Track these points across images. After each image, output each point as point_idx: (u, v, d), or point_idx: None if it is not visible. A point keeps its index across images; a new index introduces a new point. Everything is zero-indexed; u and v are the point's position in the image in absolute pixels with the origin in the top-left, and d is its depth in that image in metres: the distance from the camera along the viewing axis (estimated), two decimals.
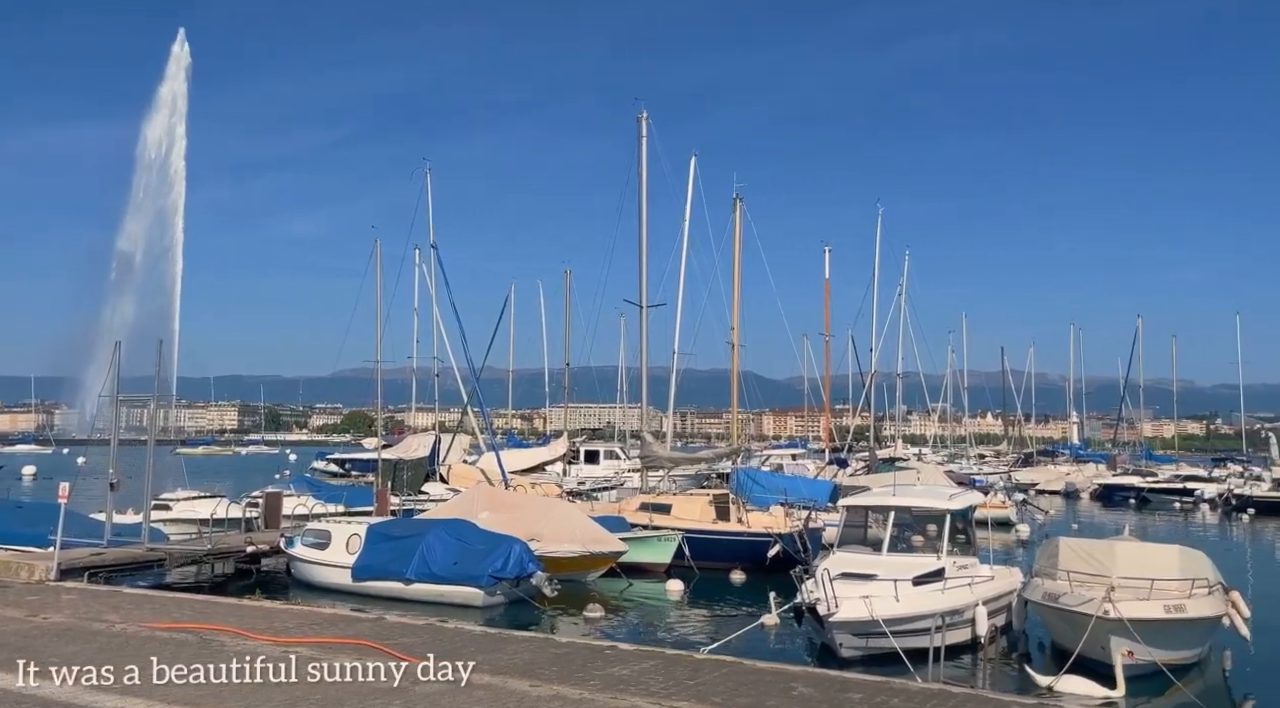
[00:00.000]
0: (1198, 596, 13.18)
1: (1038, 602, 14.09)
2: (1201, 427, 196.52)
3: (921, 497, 17.60)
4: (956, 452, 74.52)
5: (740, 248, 33.93)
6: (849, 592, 13.34)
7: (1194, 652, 13.47)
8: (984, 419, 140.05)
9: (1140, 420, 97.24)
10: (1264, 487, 50.26)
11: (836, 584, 13.32)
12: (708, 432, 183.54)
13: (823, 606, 13.15)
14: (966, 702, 9.67)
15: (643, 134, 29.26)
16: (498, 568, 17.37)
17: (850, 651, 13.36)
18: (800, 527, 22.22)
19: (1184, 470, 59.84)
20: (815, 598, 13.42)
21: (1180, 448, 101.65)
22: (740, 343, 33.75)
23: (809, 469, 41.51)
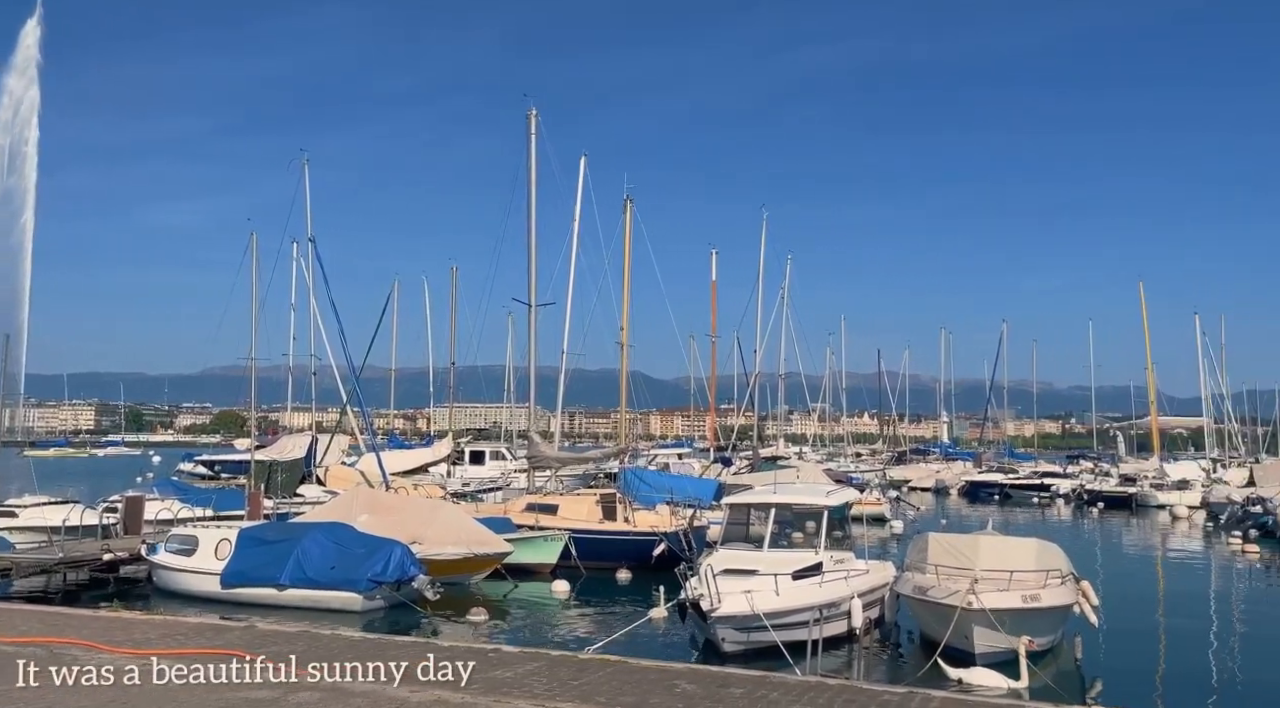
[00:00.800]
0: (1052, 586, 14.03)
1: (908, 594, 14.70)
2: (1059, 426, 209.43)
3: (801, 494, 18.12)
4: (835, 450, 77.09)
5: (630, 249, 34.15)
6: (731, 588, 13.59)
7: (1049, 638, 14.32)
8: (861, 419, 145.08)
9: (1004, 420, 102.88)
10: (1112, 482, 54.01)
11: (719, 580, 13.55)
12: (596, 431, 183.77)
13: (706, 602, 13.36)
14: (841, 693, 10.00)
15: (532, 132, 29.07)
16: (377, 572, 16.93)
17: (732, 645, 13.62)
18: (685, 525, 22.51)
19: (1042, 468, 63.66)
20: (699, 595, 13.61)
21: (1039, 446, 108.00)
22: (629, 343, 33.95)
23: (694, 468, 42.12)
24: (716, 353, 52.69)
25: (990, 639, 13.12)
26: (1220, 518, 39.63)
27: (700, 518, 23.73)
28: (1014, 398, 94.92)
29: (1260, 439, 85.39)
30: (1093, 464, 67.38)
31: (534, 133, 29.04)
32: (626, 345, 33.70)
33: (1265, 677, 14.42)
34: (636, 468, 32.40)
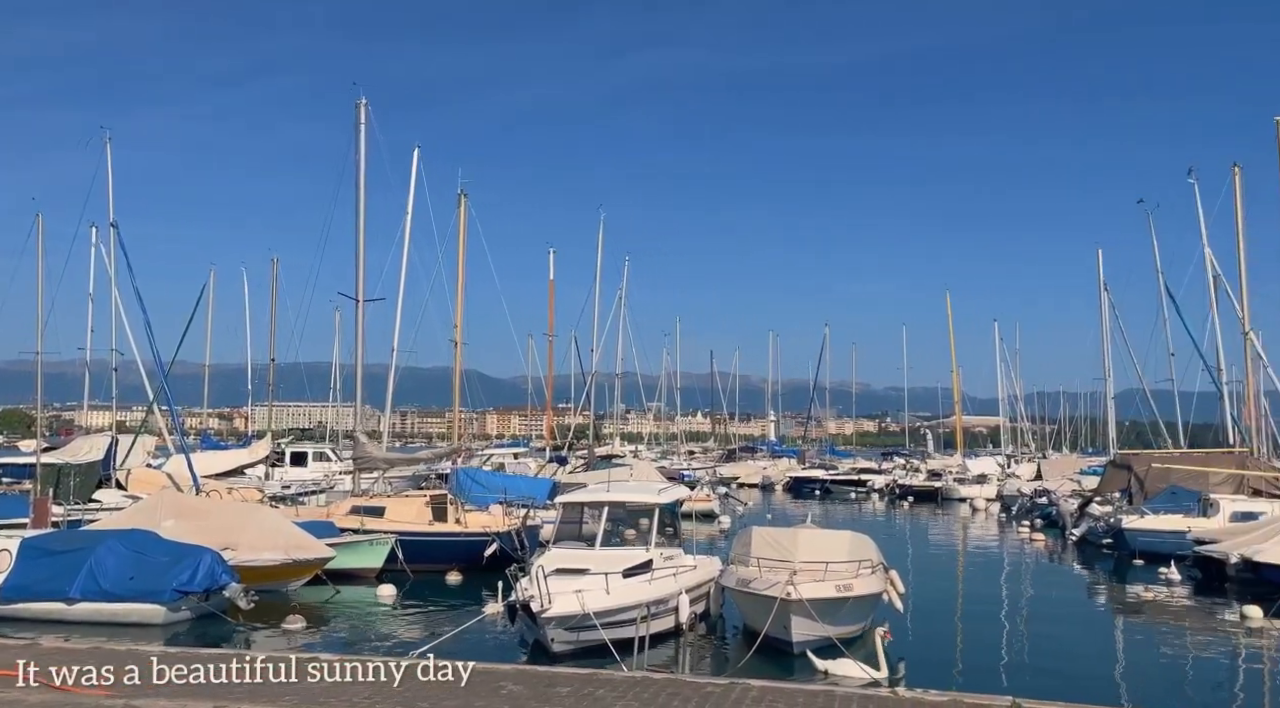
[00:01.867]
0: (863, 575, 14.87)
1: (732, 587, 15.18)
2: (876, 425, 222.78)
3: (633, 492, 18.34)
4: (669, 449, 78.72)
5: (465, 245, 33.51)
6: (562, 587, 13.57)
7: (860, 625, 15.15)
8: (695, 418, 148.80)
9: (826, 419, 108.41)
10: (920, 477, 57.94)
11: (550, 580, 13.50)
12: (429, 431, 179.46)
13: (536, 602, 13.28)
14: (666, 687, 10.20)
15: (362, 121, 27.99)
16: (184, 581, 15.78)
17: (562, 645, 13.60)
18: (518, 525, 22.31)
19: (860, 464, 67.47)
20: (529, 595, 13.52)
21: (858, 444, 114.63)
22: (464, 341, 33.34)
23: (530, 468, 41.83)
24: (554, 352, 52.64)
25: (807, 628, 13.74)
26: (1012, 509, 43.30)
27: (534, 518, 23.57)
28: (835, 398, 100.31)
29: (1048, 437, 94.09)
30: (904, 461, 71.90)
31: (364, 122, 27.98)
32: (461, 343, 33.10)
33: (1048, 648, 15.87)
34: (469, 468, 31.84)
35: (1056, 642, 16.80)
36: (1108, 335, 50.17)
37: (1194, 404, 47.11)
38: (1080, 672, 14.23)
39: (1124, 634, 18.21)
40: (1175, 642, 16.92)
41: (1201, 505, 28.34)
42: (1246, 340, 35.87)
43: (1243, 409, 40.04)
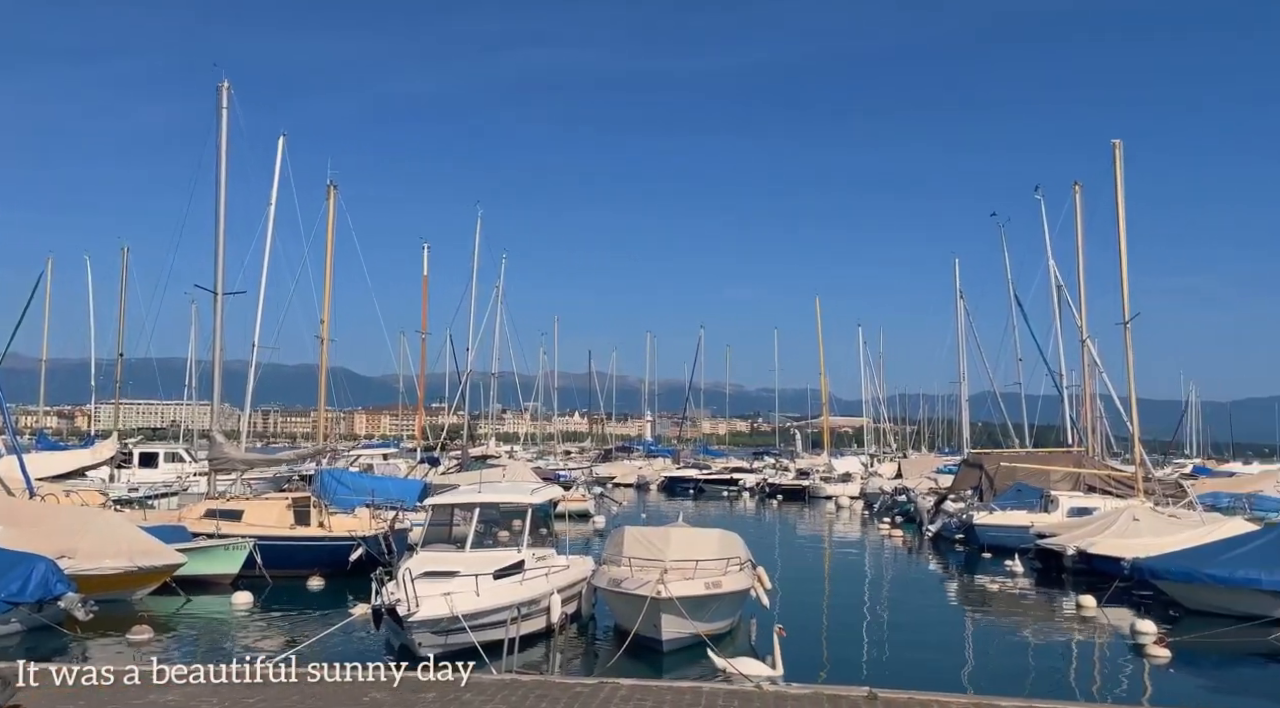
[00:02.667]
0: (732, 572, 15.17)
1: (604, 587, 15.20)
2: (748, 425, 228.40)
3: (506, 493, 18.13)
4: (545, 449, 78.28)
5: (334, 238, 32.31)
6: (430, 590, 13.27)
7: (728, 622, 15.46)
8: (572, 418, 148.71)
9: (701, 419, 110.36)
10: (789, 476, 59.70)
11: (418, 584, 13.17)
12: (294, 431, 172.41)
13: (403, 606, 12.92)
14: (535, 689, 10.09)
15: (223, 105, 26.57)
16: (13, 592, 14.55)
17: (430, 649, 13.26)
18: (386, 528, 21.69)
19: (732, 464, 68.95)
20: (395, 599, 13.14)
21: (731, 443, 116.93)
22: (331, 337, 32.14)
23: (400, 469, 40.76)
24: (427, 350, 51.42)
25: (677, 626, 13.89)
26: (874, 507, 45.15)
27: (403, 520, 22.98)
28: (710, 399, 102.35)
29: (908, 437, 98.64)
30: (774, 460, 73.97)
31: (225, 107, 26.57)
32: (327, 340, 31.89)
33: (904, 639, 16.57)
34: (335, 470, 30.73)
35: (912, 633, 17.58)
36: (963, 341, 53.07)
37: (1039, 406, 50.36)
38: (933, 661, 14.93)
39: (973, 624, 19.22)
40: (1018, 630, 17.99)
41: (1043, 502, 30.31)
42: (1084, 348, 38.57)
43: (1081, 411, 43.08)
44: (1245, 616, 16.60)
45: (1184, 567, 19.00)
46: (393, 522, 22.32)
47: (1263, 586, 17.28)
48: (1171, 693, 12.99)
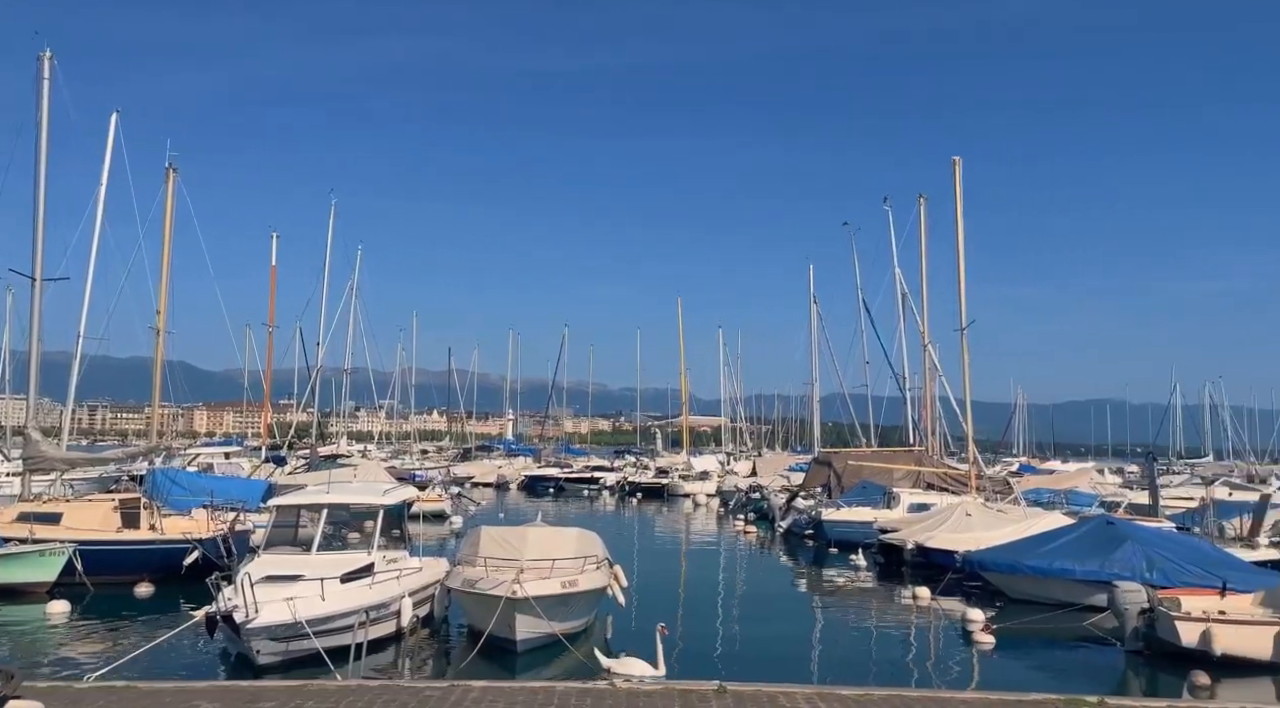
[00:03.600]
0: (589, 571, 15.18)
1: (458, 588, 14.90)
2: (610, 424, 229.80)
3: (356, 494, 17.51)
4: (401, 448, 76.19)
5: (172, 223, 30.31)
6: (271, 595, 12.64)
7: (584, 620, 15.46)
8: (431, 416, 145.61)
9: (563, 418, 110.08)
10: (649, 475, 60.47)
11: (259, 588, 12.52)
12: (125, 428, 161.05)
13: (240, 612, 12.24)
14: (382, 694, 9.76)
15: (45, 76, 24.45)
16: None
17: (269, 657, 12.64)
18: (225, 530, 20.56)
19: (594, 462, 69.27)
20: (232, 605, 12.44)
21: (593, 442, 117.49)
22: (168, 329, 30.13)
23: (244, 468, 38.72)
24: (274, 344, 49.02)
25: (531, 626, 13.77)
26: (730, 504, 46.30)
27: (244, 522, 21.84)
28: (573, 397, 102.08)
29: (764, 436, 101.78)
30: (635, 459, 74.78)
31: (47, 78, 24.47)
32: (164, 331, 29.89)
33: (755, 633, 17.03)
34: (170, 469, 28.86)
35: (762, 626, 18.11)
36: (816, 344, 55.28)
37: (884, 407, 53.06)
38: (781, 653, 15.42)
39: (820, 616, 19.97)
40: (861, 621, 18.81)
41: (886, 499, 31.90)
42: (926, 352, 40.87)
43: (922, 412, 45.60)
44: (1061, 603, 17.97)
45: (1007, 559, 20.39)
46: (233, 524, 21.19)
47: (1075, 575, 18.74)
48: (995, 677, 13.88)
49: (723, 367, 79.41)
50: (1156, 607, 14.92)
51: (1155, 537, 20.19)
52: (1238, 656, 13.96)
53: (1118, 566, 18.16)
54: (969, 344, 33.81)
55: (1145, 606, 15.06)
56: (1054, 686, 11.58)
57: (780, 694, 9.56)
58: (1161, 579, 17.28)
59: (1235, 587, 16.21)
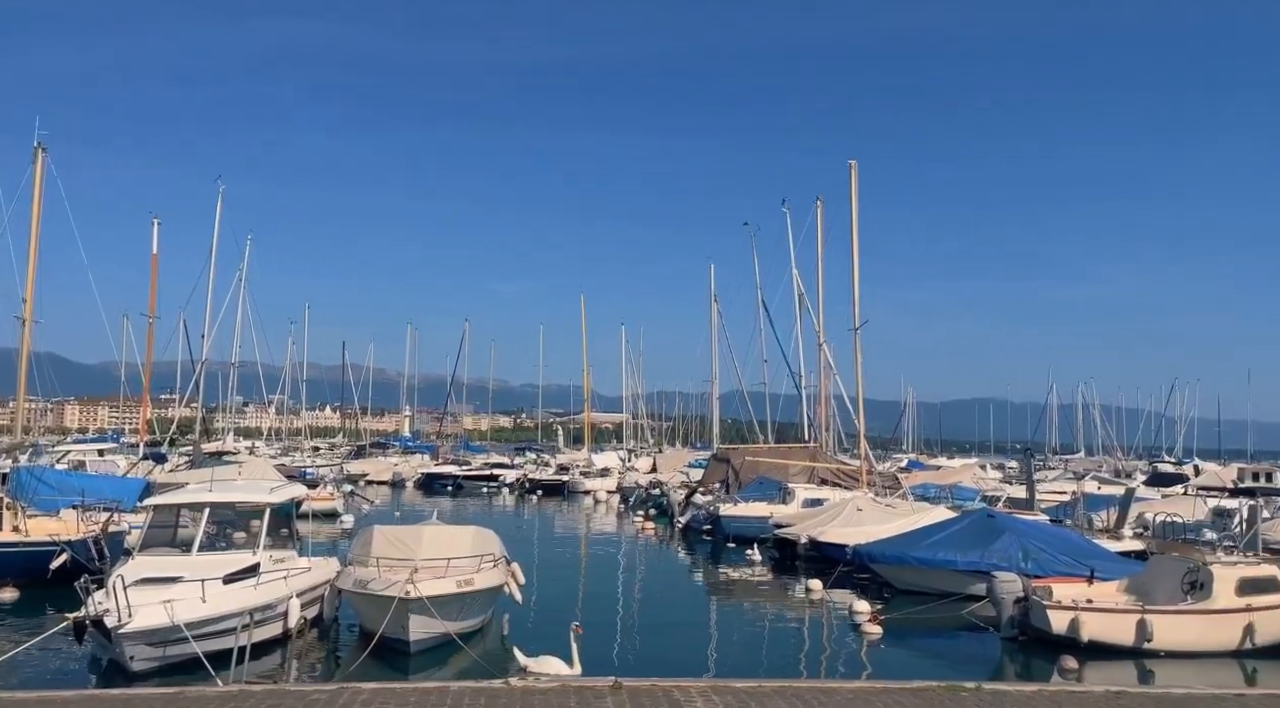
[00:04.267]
0: (485, 570, 14.99)
1: (349, 589, 14.50)
2: (511, 420, 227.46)
3: (241, 492, 16.88)
4: (292, 445, 73.68)
5: (40, 205, 28.45)
6: (147, 598, 12.03)
7: (480, 619, 15.26)
8: (323, 412, 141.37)
9: (463, 414, 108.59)
10: (550, 472, 60.16)
11: (132, 591, 11.88)
12: None
13: (111, 616, 11.60)
14: (266, 699, 9.41)
15: None
16: None
17: (144, 663, 12.03)
18: (97, 531, 19.45)
19: (493, 459, 68.45)
20: (104, 610, 11.78)
21: (493, 439, 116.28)
22: (35, 318, 28.29)
23: (119, 466, 36.72)
24: (155, 335, 46.63)
25: (426, 626, 13.52)
26: (630, 500, 46.50)
27: (118, 522, 20.73)
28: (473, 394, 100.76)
29: (664, 433, 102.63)
30: (536, 456, 74.29)
31: None
32: (30, 320, 28.06)
33: (652, 629, 17.16)
34: (37, 467, 27.14)
35: (660, 621, 18.25)
36: (716, 342, 56.10)
37: (781, 405, 54.21)
38: (678, 648, 15.58)
39: (716, 611, 20.27)
40: (756, 615, 19.18)
41: (782, 494, 32.60)
42: (821, 352, 41.92)
43: (817, 410, 46.82)
44: (944, 593, 18.72)
45: (894, 551, 21.13)
46: (105, 524, 20.06)
47: (957, 566, 19.56)
48: (881, 666, 14.35)
49: (625, 363, 79.79)
50: (1030, 596, 15.70)
51: (1030, 529, 21.27)
52: (1103, 641, 14.83)
53: (996, 556, 19.03)
54: (862, 344, 34.92)
55: (1020, 595, 15.84)
56: (936, 673, 12.04)
57: (675, 688, 9.64)
58: (1036, 569, 18.20)
59: (1102, 576, 17.22)
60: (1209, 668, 14.38)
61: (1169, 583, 15.97)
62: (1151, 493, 39.97)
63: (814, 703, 9.23)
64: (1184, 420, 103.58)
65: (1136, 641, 14.83)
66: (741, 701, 9.21)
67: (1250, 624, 15.07)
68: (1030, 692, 10.28)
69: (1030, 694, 10.08)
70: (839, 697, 9.56)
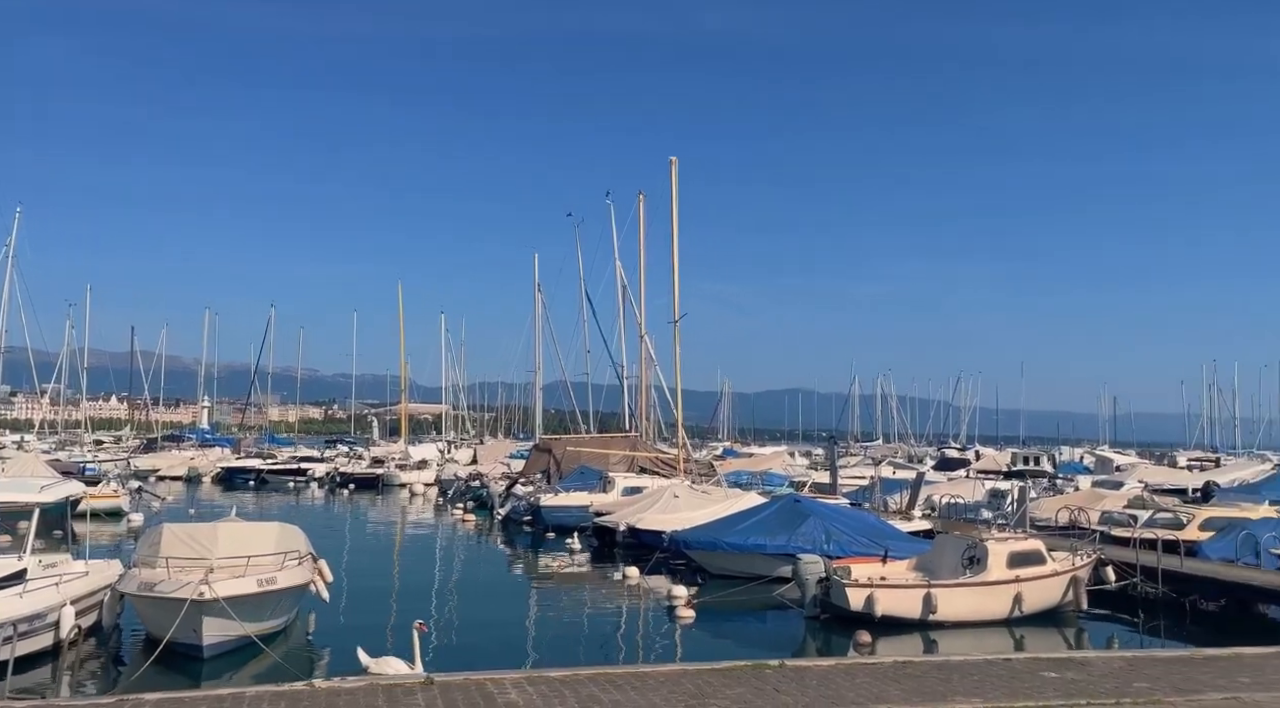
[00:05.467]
0: (289, 567, 14.22)
1: (133, 593, 13.34)
2: (321, 412, 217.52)
3: (5, 491, 15.14)
4: (70, 438, 67.09)
5: None
6: None
7: (284, 619, 14.46)
8: (108, 402, 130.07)
9: (268, 405, 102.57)
10: (363, 465, 57.98)
11: None
12: None
13: None
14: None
15: None
16: None
17: None
18: None
19: (301, 452, 65.07)
20: None
21: (302, 431, 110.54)
22: None
23: None
24: None
25: (222, 629, 12.66)
26: (449, 493, 45.57)
27: None
28: (280, 383, 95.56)
29: (486, 423, 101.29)
30: (349, 448, 71.38)
31: None
32: None
33: (469, 622, 16.87)
34: None
35: (476, 614, 18.00)
36: (540, 332, 55.86)
37: (604, 395, 54.83)
38: (494, 640, 15.40)
39: (535, 601, 20.20)
40: (574, 603, 19.28)
41: (602, 483, 32.95)
42: (643, 343, 42.70)
43: (638, 400, 47.65)
44: (755, 576, 19.53)
45: (708, 537, 21.85)
46: None
47: (767, 550, 20.46)
48: (694, 649, 14.80)
49: (445, 353, 78.10)
50: (831, 576, 16.65)
51: (833, 512, 22.57)
52: (894, 615, 15.96)
53: (801, 539, 20.05)
54: (681, 336, 35.85)
55: (823, 575, 16.77)
56: (744, 653, 12.52)
57: (488, 681, 9.50)
58: (837, 550, 19.33)
59: (895, 555, 18.52)
60: (984, 635, 15.79)
61: (951, 559, 17.38)
62: (939, 477, 43.53)
63: (627, 688, 9.35)
64: (968, 409, 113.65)
65: (923, 613, 16.05)
66: (556, 690, 9.20)
67: (1019, 594, 16.65)
68: (828, 666, 10.89)
69: (828, 668, 10.67)
70: (652, 681, 9.74)
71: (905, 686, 9.73)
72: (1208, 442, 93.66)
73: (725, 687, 9.52)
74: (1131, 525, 23.06)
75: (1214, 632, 16.34)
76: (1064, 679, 10.18)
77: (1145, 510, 25.95)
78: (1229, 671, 10.82)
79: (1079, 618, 17.32)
